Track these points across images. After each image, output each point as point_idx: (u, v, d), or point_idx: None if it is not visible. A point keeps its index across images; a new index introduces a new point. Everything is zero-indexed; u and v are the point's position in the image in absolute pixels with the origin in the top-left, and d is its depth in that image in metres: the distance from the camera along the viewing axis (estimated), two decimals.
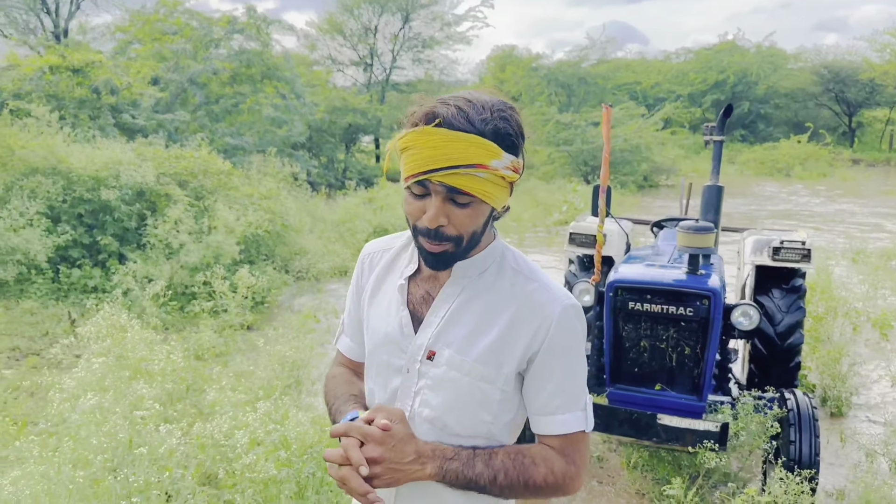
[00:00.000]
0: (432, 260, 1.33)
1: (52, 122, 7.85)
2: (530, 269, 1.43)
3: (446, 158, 1.23)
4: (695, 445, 3.58)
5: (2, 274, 6.46)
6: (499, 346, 1.36)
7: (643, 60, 43.11)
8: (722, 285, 3.87)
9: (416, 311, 1.43)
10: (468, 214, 1.30)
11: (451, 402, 1.38)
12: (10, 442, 3.31)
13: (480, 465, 1.33)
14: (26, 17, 28.99)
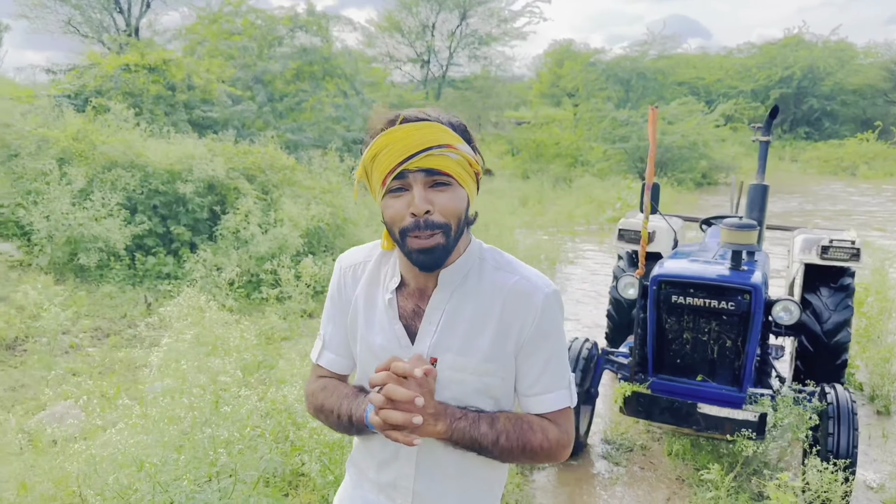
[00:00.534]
0: (424, 258, 1.36)
1: (129, 118, 8.36)
2: (509, 263, 1.50)
3: (419, 143, 1.31)
4: (733, 434, 3.74)
5: (85, 260, 6.96)
6: (494, 341, 1.44)
7: (705, 55, 42.28)
8: (763, 281, 4.00)
9: (409, 325, 1.47)
10: (450, 198, 1.35)
11: (460, 399, 1.44)
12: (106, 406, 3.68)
13: (485, 426, 1.40)
14: (100, 16, 30.28)
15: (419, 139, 1.31)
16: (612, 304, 5.70)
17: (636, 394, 3.97)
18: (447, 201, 1.34)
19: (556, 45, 36.82)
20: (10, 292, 6.23)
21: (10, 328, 5.71)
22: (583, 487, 4.07)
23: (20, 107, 9.05)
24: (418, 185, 1.33)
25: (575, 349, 4.32)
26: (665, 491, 4.01)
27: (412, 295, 1.48)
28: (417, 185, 1.33)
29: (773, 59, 36.91)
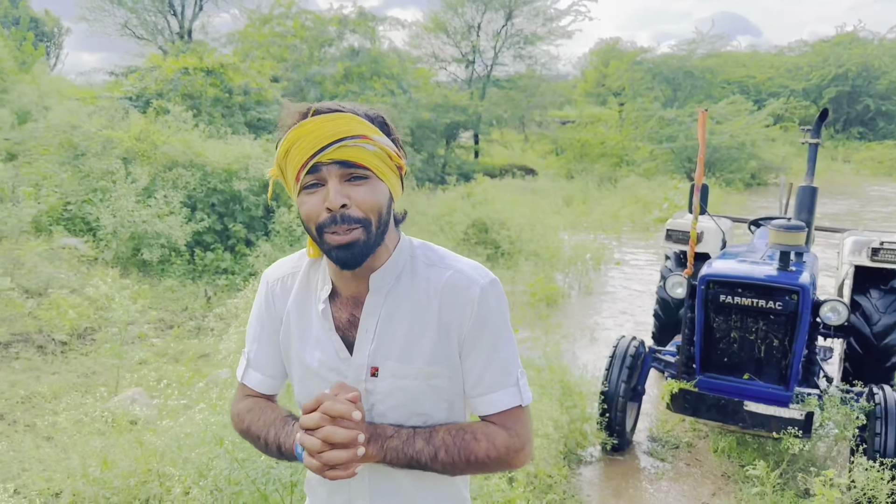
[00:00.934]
0: (344, 254, 1.28)
1: (188, 119, 8.70)
2: (441, 258, 1.42)
3: (331, 134, 1.24)
4: (779, 432, 3.80)
5: (148, 255, 7.29)
6: (439, 340, 1.37)
7: (755, 53, 41.46)
8: (811, 282, 4.05)
9: (345, 335, 1.39)
10: (367, 191, 1.28)
11: (409, 405, 1.38)
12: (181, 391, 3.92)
13: (420, 443, 1.33)
14: (155, 19, 31.17)
15: (331, 130, 1.25)
16: (659, 304, 5.76)
17: (683, 391, 4.05)
18: (365, 195, 1.28)
19: (602, 43, 36.56)
20: (81, 285, 6.57)
21: (81, 318, 6.04)
22: (629, 481, 4.17)
23: (85, 108, 9.46)
24: (333, 178, 1.26)
25: (622, 348, 4.42)
26: (710, 486, 4.09)
27: (346, 304, 1.41)
28: (332, 179, 1.26)
29: (827, 58, 36.03)
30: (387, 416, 1.38)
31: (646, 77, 33.26)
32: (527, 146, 31.95)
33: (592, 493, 4.02)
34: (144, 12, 29.81)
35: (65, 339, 5.76)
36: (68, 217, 8.05)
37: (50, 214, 7.86)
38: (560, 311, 7.89)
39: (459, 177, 17.84)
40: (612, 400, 4.27)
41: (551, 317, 7.50)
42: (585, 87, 38.44)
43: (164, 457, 3.11)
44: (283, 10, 18.54)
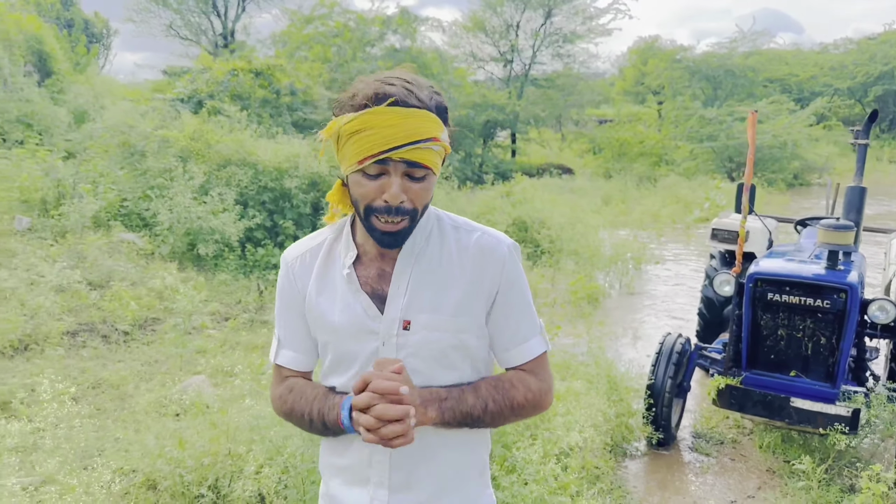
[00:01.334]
0: (388, 239, 1.36)
1: (242, 119, 8.98)
2: (466, 222, 1.51)
3: (407, 135, 1.28)
4: (825, 428, 3.86)
5: (203, 251, 7.56)
6: (468, 295, 1.43)
7: (798, 51, 40.75)
8: (860, 281, 4.10)
9: (374, 291, 1.44)
10: (424, 188, 1.35)
11: (439, 361, 1.43)
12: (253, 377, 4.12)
13: (471, 398, 1.40)
14: (198, 20, 31.82)
15: (408, 129, 1.28)
16: (704, 303, 5.82)
17: (729, 387, 4.13)
18: (421, 192, 1.34)
19: (641, 41, 36.22)
20: (140, 278, 6.86)
21: (142, 310, 6.32)
22: (674, 474, 4.26)
23: (138, 109, 9.81)
24: (398, 174, 1.31)
25: (668, 344, 4.51)
26: (756, 481, 4.16)
27: (373, 260, 1.45)
28: (396, 175, 1.31)
29: (873, 56, 35.27)
30: (419, 372, 1.42)
31: (685, 75, 32.91)
32: (564, 145, 31.90)
33: (638, 485, 4.13)
34: (189, 13, 30.48)
35: (127, 329, 6.03)
36: (125, 213, 8.37)
37: (108, 210, 8.18)
38: (601, 310, 7.97)
39: (497, 176, 17.95)
40: (658, 395, 4.36)
41: (593, 315, 7.58)
42: (624, 85, 38.14)
43: (235, 438, 3.31)
44: (326, 10, 18.86)
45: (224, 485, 3.30)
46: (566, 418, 3.59)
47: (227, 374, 5.26)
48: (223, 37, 29.90)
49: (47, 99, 11.22)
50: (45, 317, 5.72)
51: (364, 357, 1.44)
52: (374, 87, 1.30)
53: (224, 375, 5.28)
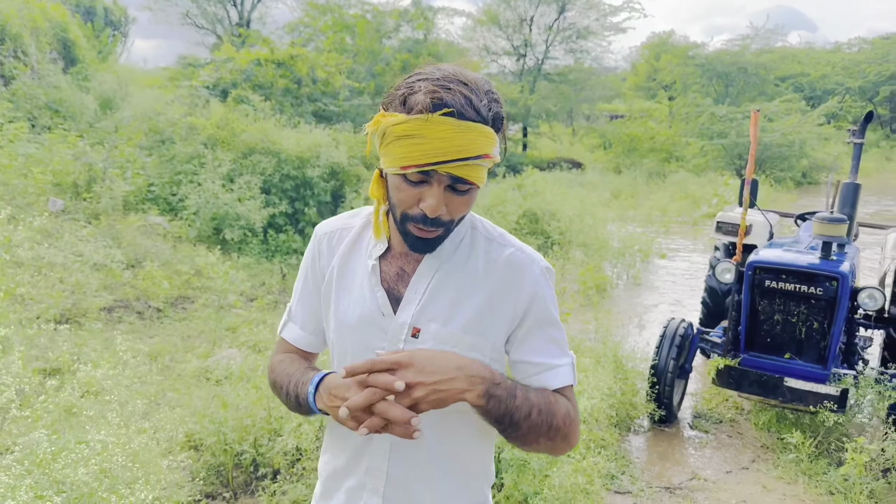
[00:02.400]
0: (422, 245, 1.31)
1: (266, 109, 9.31)
2: (502, 235, 1.43)
3: (458, 150, 1.20)
4: (816, 406, 4.17)
5: (229, 235, 7.91)
6: (484, 313, 1.35)
7: (811, 50, 40.81)
8: (851, 270, 4.39)
9: (392, 289, 1.38)
10: (465, 202, 1.29)
11: None
12: None
13: (521, 397, 1.27)
14: (215, 9, 32.10)
15: (460, 144, 1.20)
16: (707, 292, 6.12)
17: (728, 367, 4.44)
18: (461, 205, 1.28)
19: (654, 37, 36.34)
20: (170, 258, 7.21)
21: (173, 288, 6.67)
22: (674, 448, 4.58)
23: (165, 97, 10.14)
24: (441, 186, 1.24)
25: (672, 328, 4.81)
26: (750, 455, 4.47)
27: (396, 258, 1.40)
28: (439, 187, 1.24)
29: (886, 55, 35.27)
30: None
31: (697, 72, 33.04)
32: (574, 139, 32.14)
33: (641, 456, 4.44)
34: (205, 2, 30.79)
35: (160, 307, 6.38)
36: (152, 198, 8.72)
37: (136, 195, 8.53)
38: (609, 300, 8.27)
39: (508, 169, 18.21)
40: (661, 374, 4.66)
41: (601, 304, 7.89)
42: (636, 80, 38.28)
43: (275, 399, 3.64)
44: (343, 1, 19.16)
45: (263, 443, 3.64)
46: (588, 382, 3.90)
47: (255, 348, 5.61)
48: (239, 26, 30.20)
49: (74, 86, 11.56)
50: (83, 293, 6.07)
51: (373, 350, 1.35)
52: (430, 92, 1.20)
53: (252, 350, 5.63)
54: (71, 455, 2.03)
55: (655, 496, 3.91)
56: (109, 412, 2.81)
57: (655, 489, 3.99)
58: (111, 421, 2.67)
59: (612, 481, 3.98)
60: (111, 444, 2.32)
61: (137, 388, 4.67)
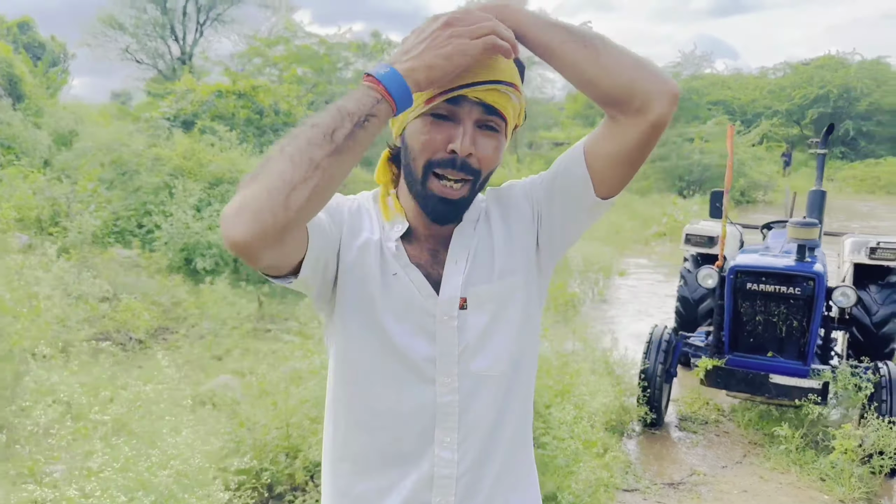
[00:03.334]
0: (443, 209, 1.20)
1: (232, 139, 9.31)
2: None
3: (489, 72, 1.12)
4: (800, 399, 4.42)
5: (201, 264, 7.85)
6: (510, 249, 1.30)
7: (739, 76, 42.79)
8: (825, 270, 4.70)
9: (428, 273, 1.26)
10: (494, 146, 1.19)
11: (506, 338, 1.27)
12: None
13: None
14: (155, 44, 31.80)
15: (489, 66, 1.12)
16: (680, 302, 6.38)
17: (716, 368, 4.67)
18: (490, 149, 1.19)
19: None
20: (146, 290, 7.11)
21: (153, 319, 6.58)
22: (668, 448, 4.77)
23: (126, 127, 10.05)
24: (470, 121, 1.16)
25: (657, 334, 5.03)
26: (741, 450, 4.69)
27: (422, 241, 1.28)
28: (469, 121, 1.16)
29: (810, 79, 37.29)
30: (481, 350, 1.26)
31: None
32: (521, 166, 32.78)
33: (639, 457, 4.61)
34: (146, 38, 30.51)
35: (141, 338, 6.29)
36: (117, 231, 8.60)
37: (102, 229, 8.40)
38: (578, 316, 8.50)
39: None
40: (651, 378, 4.86)
41: (574, 319, 8.10)
42: (575, 108, 39.41)
43: (294, 414, 3.68)
44: (290, 33, 19.27)
45: (280, 460, 3.67)
46: (587, 388, 4.06)
47: (243, 374, 5.60)
48: (181, 61, 29.96)
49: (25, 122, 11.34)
50: (61, 327, 5.94)
51: (408, 333, 1.23)
52: None
53: (241, 376, 5.61)
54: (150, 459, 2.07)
55: (661, 492, 4.08)
56: (161, 425, 2.83)
57: (660, 486, 4.15)
58: (163, 432, 2.69)
59: (619, 480, 4.13)
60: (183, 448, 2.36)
61: (176, 403, 4.63)
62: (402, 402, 1.24)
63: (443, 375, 1.23)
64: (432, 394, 1.23)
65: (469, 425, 1.25)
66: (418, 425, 1.24)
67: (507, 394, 1.28)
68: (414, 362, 1.23)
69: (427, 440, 1.25)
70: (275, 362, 6.00)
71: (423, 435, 1.25)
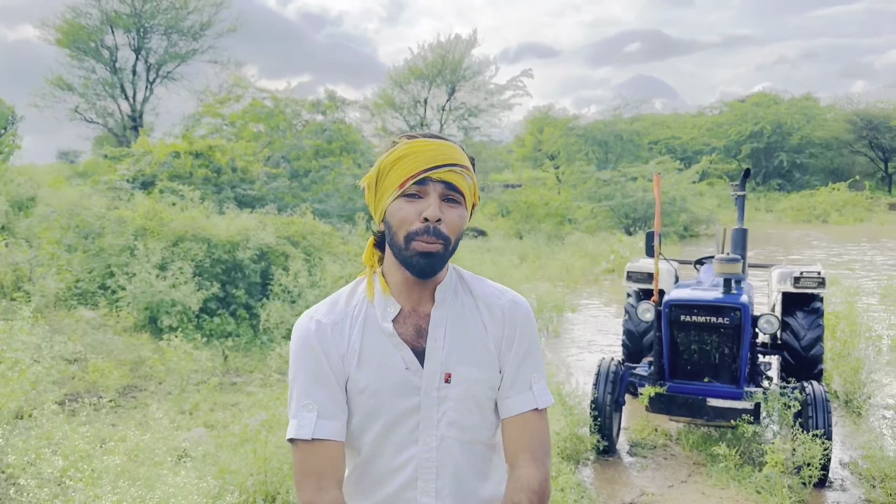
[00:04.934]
0: (424, 262, 1.42)
1: (194, 198, 9.56)
2: (481, 279, 1.63)
3: (445, 157, 1.43)
4: (735, 420, 4.85)
5: (167, 321, 8.03)
6: (492, 348, 1.54)
7: (676, 115, 44.64)
8: (750, 301, 5.19)
9: (414, 347, 1.48)
10: (458, 215, 1.46)
11: (475, 413, 1.51)
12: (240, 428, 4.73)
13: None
14: (104, 103, 31.78)
15: (446, 154, 1.44)
16: (626, 335, 6.82)
17: (658, 395, 5.08)
18: (455, 217, 1.46)
19: (536, 111, 38.83)
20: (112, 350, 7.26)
21: (122, 378, 6.74)
22: (619, 473, 5.13)
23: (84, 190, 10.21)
24: (435, 195, 1.43)
25: (605, 365, 5.43)
26: (686, 470, 5.09)
27: (408, 317, 1.51)
28: (434, 195, 1.43)
29: (744, 116, 39.12)
30: (458, 423, 1.50)
31: (578, 141, 35.46)
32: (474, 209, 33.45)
33: (595, 481, 4.96)
34: (95, 97, 30.55)
35: (112, 398, 6.44)
36: (79, 293, 8.73)
37: (64, 292, 8.52)
38: None
39: None
40: (601, 408, 5.24)
41: None
42: (523, 151, 40.54)
43: (270, 462, 3.94)
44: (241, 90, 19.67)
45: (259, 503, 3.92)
46: None
47: (214, 427, 5.81)
48: (132, 119, 30.04)
49: None
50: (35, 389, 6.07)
51: (405, 412, 1.47)
52: (411, 136, 1.48)
53: (212, 429, 5.82)
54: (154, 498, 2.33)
55: None
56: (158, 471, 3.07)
57: None
58: (167, 479, 2.94)
59: None
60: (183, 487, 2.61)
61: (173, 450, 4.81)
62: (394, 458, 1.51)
63: (425, 438, 1.48)
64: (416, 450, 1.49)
65: (445, 477, 1.50)
66: (404, 476, 1.50)
67: (480, 450, 1.56)
68: (408, 428, 1.49)
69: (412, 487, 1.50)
70: (247, 413, 6.23)
71: (408, 483, 1.50)
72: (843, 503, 4.57)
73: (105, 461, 3.09)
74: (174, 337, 6.98)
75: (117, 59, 30.19)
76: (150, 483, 2.90)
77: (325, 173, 14.13)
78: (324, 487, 1.42)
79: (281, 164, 14.06)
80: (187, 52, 31.38)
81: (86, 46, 29.27)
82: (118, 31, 29.59)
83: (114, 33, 29.59)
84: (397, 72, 28.41)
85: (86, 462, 3.22)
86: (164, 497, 2.48)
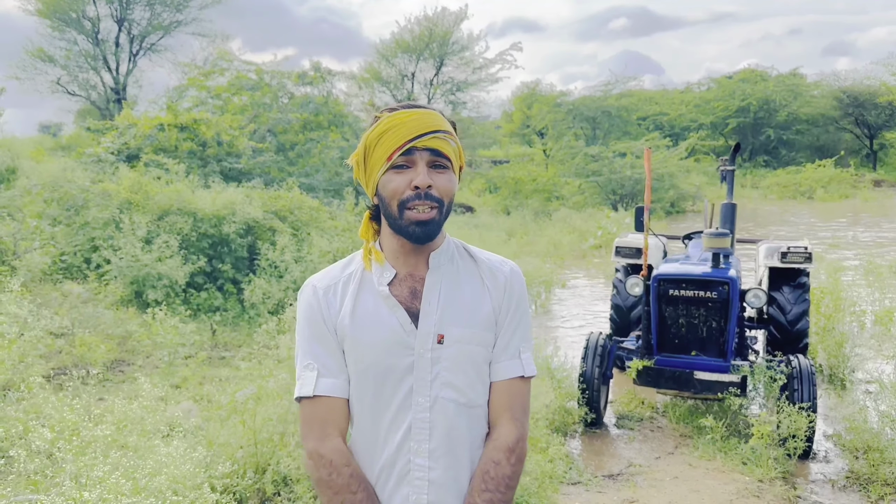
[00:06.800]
0: (419, 230, 1.49)
1: (179, 171, 9.45)
2: (481, 250, 1.70)
3: (427, 125, 1.48)
4: (722, 392, 4.90)
5: (153, 296, 7.97)
6: (489, 310, 1.59)
7: (665, 91, 44.52)
8: (738, 275, 5.21)
9: (409, 309, 1.55)
10: (447, 179, 1.51)
11: (470, 374, 1.56)
12: None
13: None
14: (87, 76, 31.25)
15: (428, 122, 1.49)
16: (614, 309, 6.86)
17: (646, 367, 5.12)
18: (445, 182, 1.51)
19: (524, 87, 38.62)
20: (98, 324, 7.21)
21: (109, 353, 6.70)
22: (607, 444, 5.18)
23: (69, 163, 10.07)
24: (422, 162, 1.49)
25: (593, 340, 5.45)
26: (673, 443, 5.14)
27: (404, 280, 1.57)
28: (422, 163, 1.48)
29: (732, 92, 39.06)
30: (452, 384, 1.55)
31: (567, 117, 35.33)
32: (462, 185, 33.39)
33: (581, 454, 5.01)
34: (77, 69, 30.03)
35: (99, 371, 6.40)
36: (64, 267, 8.64)
37: (49, 266, 8.43)
38: None
39: None
40: (589, 381, 5.27)
41: None
42: (511, 127, 40.39)
43: (260, 433, 3.94)
44: (225, 63, 19.38)
45: (250, 475, 3.92)
46: None
47: (203, 401, 5.80)
48: (115, 91, 29.59)
49: None
50: (23, 362, 6.03)
51: (399, 371, 1.53)
52: (387, 105, 1.57)
53: (201, 403, 5.81)
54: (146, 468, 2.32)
55: (602, 483, 4.48)
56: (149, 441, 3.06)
57: (600, 478, 4.55)
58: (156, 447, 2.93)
59: (562, 475, 4.51)
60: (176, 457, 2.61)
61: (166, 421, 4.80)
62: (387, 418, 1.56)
63: (420, 399, 1.53)
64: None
65: (438, 438, 1.55)
66: (399, 437, 1.55)
67: (477, 414, 1.60)
68: (403, 389, 1.54)
69: (405, 449, 1.55)
70: (235, 386, 6.22)
71: (403, 444, 1.55)
72: (827, 474, 4.64)
73: (94, 432, 3.08)
74: (159, 311, 6.95)
75: (99, 31, 29.63)
76: (141, 453, 2.89)
77: (311, 147, 14.01)
78: (327, 435, 1.52)
79: (267, 137, 13.91)
80: (171, 23, 30.83)
81: (67, 17, 28.67)
82: (100, 1, 29.01)
83: (95, 4, 28.98)
84: (384, 45, 28.15)
85: (75, 434, 3.21)
86: (156, 467, 2.48)
